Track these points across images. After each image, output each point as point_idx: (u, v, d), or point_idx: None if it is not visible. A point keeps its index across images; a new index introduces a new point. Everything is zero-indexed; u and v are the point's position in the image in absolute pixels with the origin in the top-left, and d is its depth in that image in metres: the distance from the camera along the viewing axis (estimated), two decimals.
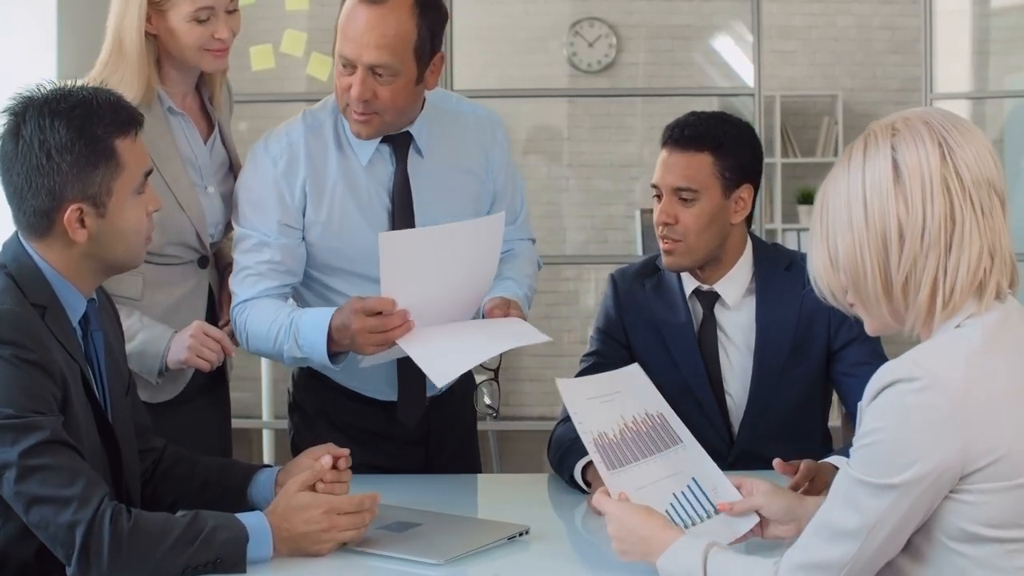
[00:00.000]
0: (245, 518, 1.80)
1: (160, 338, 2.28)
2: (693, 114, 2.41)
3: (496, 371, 2.33)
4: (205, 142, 2.45)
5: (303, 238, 2.35)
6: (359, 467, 2.15)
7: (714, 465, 1.94)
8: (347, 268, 2.37)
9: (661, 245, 2.39)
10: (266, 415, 5.75)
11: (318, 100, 2.43)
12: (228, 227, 2.48)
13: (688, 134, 2.36)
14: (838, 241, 1.54)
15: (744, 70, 7.05)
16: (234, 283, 2.34)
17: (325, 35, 2.30)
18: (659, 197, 2.39)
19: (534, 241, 2.61)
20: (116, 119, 1.86)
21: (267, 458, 5.82)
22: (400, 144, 2.35)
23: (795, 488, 2.02)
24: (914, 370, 1.45)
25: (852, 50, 7.27)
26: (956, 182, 1.49)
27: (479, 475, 2.49)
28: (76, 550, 1.70)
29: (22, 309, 1.80)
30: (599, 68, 7.20)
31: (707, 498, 1.89)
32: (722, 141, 2.36)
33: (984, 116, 6.70)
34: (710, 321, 2.42)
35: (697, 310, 2.44)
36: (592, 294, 7.17)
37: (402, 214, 2.34)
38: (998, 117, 6.73)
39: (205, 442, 2.36)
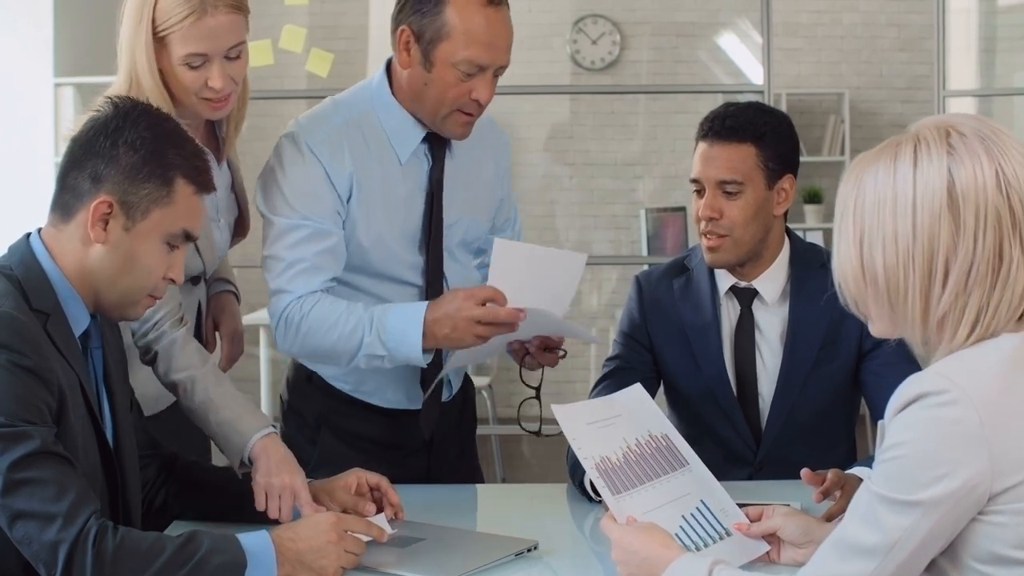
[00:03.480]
0: (247, 539, 1.73)
1: (248, 426, 2.06)
2: (730, 105, 2.36)
3: (538, 388, 2.32)
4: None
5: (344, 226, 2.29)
6: None
7: (721, 488, 1.89)
8: (370, 268, 2.32)
9: (705, 242, 2.34)
10: None
11: (318, 97, 2.37)
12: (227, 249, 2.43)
13: (729, 125, 2.30)
14: (876, 252, 1.45)
15: (749, 67, 7.01)
16: (283, 278, 2.22)
17: (324, 31, 2.25)
18: (700, 192, 2.34)
19: None
20: (192, 165, 1.84)
21: None
22: (437, 143, 2.32)
23: (824, 495, 1.96)
24: (941, 383, 1.39)
25: (858, 48, 7.23)
26: (1008, 215, 1.41)
27: (485, 485, 2.43)
28: (59, 570, 1.64)
29: (22, 313, 1.74)
30: (603, 65, 7.15)
31: (717, 520, 1.84)
32: (764, 131, 2.31)
33: (991, 114, 6.66)
34: (747, 319, 2.38)
35: (732, 309, 2.40)
36: (595, 294, 7.11)
37: (436, 214, 2.32)
38: (1006, 115, 6.69)
39: (190, 448, 2.30)
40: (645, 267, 6.01)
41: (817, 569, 1.47)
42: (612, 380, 2.41)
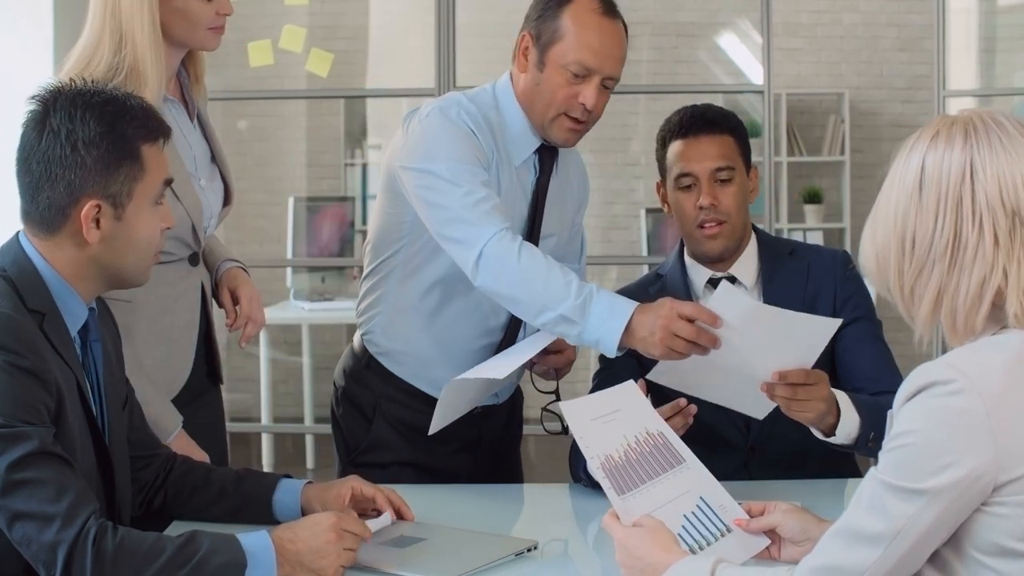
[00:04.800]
0: (247, 539, 1.73)
1: (167, 424, 2.23)
2: (694, 106, 2.47)
3: (556, 392, 2.38)
4: None
5: None
6: (405, 464, 2.33)
7: (718, 483, 1.89)
8: None
9: (704, 232, 2.40)
10: (265, 418, 5.71)
11: (318, 97, 2.41)
12: (218, 219, 2.43)
13: (709, 118, 2.43)
14: (879, 229, 1.54)
15: (749, 67, 7.00)
16: (476, 211, 2.18)
17: (325, 31, 2.26)
18: (688, 187, 2.42)
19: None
20: (146, 124, 1.84)
21: (266, 462, 5.79)
22: (547, 156, 2.42)
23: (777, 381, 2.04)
24: (950, 373, 1.40)
25: (858, 48, 7.23)
26: (969, 202, 1.46)
27: (487, 485, 2.42)
28: (58, 570, 1.63)
29: (19, 314, 1.74)
30: None
31: (717, 517, 1.83)
32: (735, 124, 2.46)
33: None
34: None
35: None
36: None
37: (535, 223, 2.41)
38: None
39: (201, 448, 2.29)
40: (645, 267, 6.02)
41: (821, 557, 1.47)
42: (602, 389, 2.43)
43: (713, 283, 2.43)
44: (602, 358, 2.49)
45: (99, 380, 1.90)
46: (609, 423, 1.90)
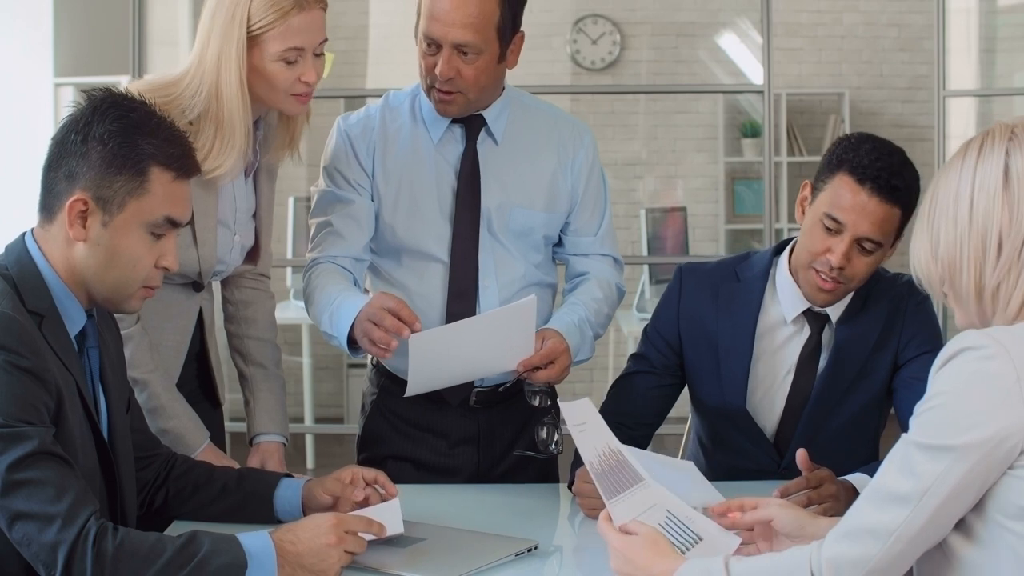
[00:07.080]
0: (247, 540, 1.73)
1: (194, 440, 2.25)
2: (890, 153, 2.23)
3: (547, 409, 2.32)
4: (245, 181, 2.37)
5: (372, 199, 2.44)
6: (401, 460, 2.39)
7: (678, 500, 1.84)
8: (408, 247, 2.42)
9: (819, 282, 2.25)
10: None
11: (318, 97, 2.42)
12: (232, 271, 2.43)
13: (895, 184, 2.19)
14: (940, 233, 1.55)
15: (749, 67, 7.00)
16: (314, 241, 2.44)
17: (327, 32, 2.25)
18: (832, 231, 2.22)
19: (617, 260, 2.58)
20: (167, 151, 1.82)
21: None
22: (472, 126, 2.42)
23: (784, 495, 1.99)
24: (983, 339, 1.45)
25: (859, 48, 7.22)
26: None
27: (488, 485, 2.42)
28: (58, 571, 1.63)
29: (19, 314, 1.74)
30: (603, 65, 7.15)
31: (686, 527, 1.81)
32: (912, 199, 2.23)
33: (992, 114, 6.65)
34: (816, 344, 2.33)
35: (800, 334, 2.35)
36: None
37: (468, 195, 2.40)
38: (1006, 115, 6.67)
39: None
40: (645, 267, 6.01)
41: (852, 520, 1.49)
42: (628, 381, 2.43)
43: (807, 316, 2.32)
44: (642, 339, 2.47)
45: (94, 387, 1.90)
46: (583, 432, 1.89)
